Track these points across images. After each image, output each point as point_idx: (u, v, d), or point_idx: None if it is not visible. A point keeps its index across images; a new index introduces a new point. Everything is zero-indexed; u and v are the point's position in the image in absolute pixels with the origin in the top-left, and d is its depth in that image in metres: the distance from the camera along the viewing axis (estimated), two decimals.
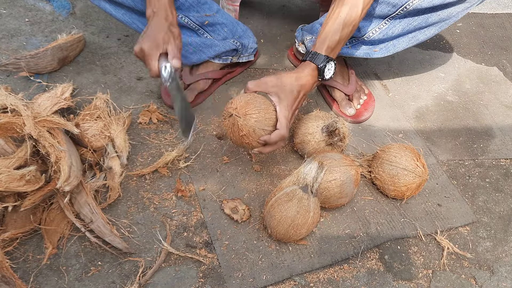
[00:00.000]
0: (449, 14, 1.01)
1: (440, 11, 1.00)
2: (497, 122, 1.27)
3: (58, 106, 0.93)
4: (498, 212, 1.05)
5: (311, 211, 0.85)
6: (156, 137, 1.06)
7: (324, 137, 0.99)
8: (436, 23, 1.03)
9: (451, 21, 1.04)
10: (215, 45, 1.12)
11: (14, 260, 0.81)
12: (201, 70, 1.17)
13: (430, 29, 1.05)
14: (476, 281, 0.92)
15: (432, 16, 1.01)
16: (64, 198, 0.82)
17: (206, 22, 1.08)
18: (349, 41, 1.13)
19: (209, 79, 1.17)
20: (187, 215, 0.94)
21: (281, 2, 1.55)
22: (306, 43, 1.21)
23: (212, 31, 1.12)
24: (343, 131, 0.99)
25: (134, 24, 1.03)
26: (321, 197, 0.90)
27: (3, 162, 0.75)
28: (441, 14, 1.01)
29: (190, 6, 1.04)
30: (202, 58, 1.12)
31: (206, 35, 1.12)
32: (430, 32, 1.05)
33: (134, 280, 0.82)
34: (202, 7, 1.06)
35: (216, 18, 1.11)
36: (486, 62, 1.48)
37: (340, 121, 0.99)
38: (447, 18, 1.02)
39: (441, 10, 1.00)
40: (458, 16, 1.03)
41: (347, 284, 0.88)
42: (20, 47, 1.20)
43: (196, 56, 1.11)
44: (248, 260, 0.88)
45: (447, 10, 1.00)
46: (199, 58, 1.12)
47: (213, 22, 1.11)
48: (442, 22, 1.03)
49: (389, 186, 0.97)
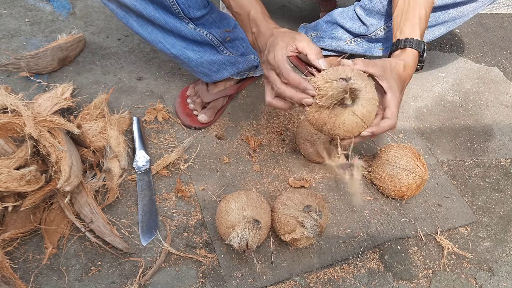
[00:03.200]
0: (459, 13, 1.01)
1: (452, 9, 1.00)
2: (497, 122, 1.27)
3: (58, 106, 0.93)
4: (498, 212, 1.05)
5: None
6: (156, 137, 1.06)
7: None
8: (446, 22, 1.03)
9: (461, 21, 1.03)
10: (238, 62, 1.08)
11: (14, 260, 0.81)
12: (219, 87, 1.12)
13: (439, 28, 1.05)
14: (476, 281, 0.92)
15: (442, 15, 1.01)
16: (64, 198, 0.82)
17: (228, 38, 1.03)
18: (355, 39, 1.13)
19: (227, 96, 1.14)
20: (187, 215, 0.94)
21: (281, 2, 1.55)
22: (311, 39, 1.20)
23: (232, 47, 1.07)
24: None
25: (160, 44, 0.96)
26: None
27: (3, 162, 0.75)
28: (452, 13, 1.00)
29: (213, 22, 0.99)
30: (225, 75, 1.08)
31: (226, 52, 1.06)
32: (439, 31, 1.05)
33: (134, 280, 0.82)
34: (223, 22, 1.01)
35: (235, 33, 1.07)
36: (486, 62, 1.48)
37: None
38: (458, 17, 1.02)
39: (453, 8, 1.00)
40: (468, 15, 1.02)
41: (347, 284, 0.88)
42: (20, 47, 1.20)
43: (219, 75, 1.07)
44: (248, 260, 0.88)
45: (458, 9, 1.00)
46: (221, 76, 1.08)
47: (233, 37, 1.06)
48: (452, 21, 1.03)
49: (389, 186, 0.97)
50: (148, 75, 1.20)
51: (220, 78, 1.08)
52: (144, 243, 0.88)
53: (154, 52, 1.27)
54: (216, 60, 1.03)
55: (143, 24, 0.93)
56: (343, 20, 1.13)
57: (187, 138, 1.05)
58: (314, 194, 0.89)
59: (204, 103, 1.11)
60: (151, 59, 1.25)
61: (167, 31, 0.95)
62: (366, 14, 1.08)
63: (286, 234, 0.85)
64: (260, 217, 0.83)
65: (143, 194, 0.93)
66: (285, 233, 0.85)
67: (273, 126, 1.14)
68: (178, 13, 0.90)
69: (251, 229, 0.79)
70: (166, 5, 0.88)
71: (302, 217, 0.82)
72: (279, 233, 0.88)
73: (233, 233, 0.79)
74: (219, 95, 1.11)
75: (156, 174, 0.99)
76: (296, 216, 0.83)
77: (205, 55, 1.01)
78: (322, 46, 1.17)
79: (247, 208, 0.83)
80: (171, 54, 0.98)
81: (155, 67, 1.23)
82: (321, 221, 0.82)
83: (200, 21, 0.95)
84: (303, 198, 0.86)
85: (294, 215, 0.83)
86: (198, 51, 1.00)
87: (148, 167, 0.98)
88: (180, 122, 1.10)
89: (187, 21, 0.93)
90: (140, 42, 1.29)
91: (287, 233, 0.85)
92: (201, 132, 1.10)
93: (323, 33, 1.18)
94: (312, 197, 0.87)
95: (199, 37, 0.97)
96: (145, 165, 0.98)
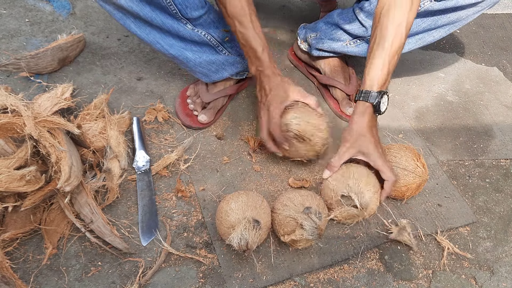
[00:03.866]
0: (458, 17, 1.01)
1: (451, 13, 1.00)
2: (497, 122, 1.27)
3: (58, 107, 0.93)
4: (498, 212, 1.05)
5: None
6: (156, 137, 1.06)
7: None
8: (445, 25, 1.03)
9: (460, 24, 1.04)
10: (237, 62, 1.08)
11: (14, 260, 0.81)
12: (219, 87, 1.11)
13: (439, 31, 1.05)
14: (476, 281, 0.92)
15: (442, 18, 1.01)
16: (64, 198, 0.82)
17: (226, 38, 1.04)
18: (354, 40, 1.13)
19: (227, 96, 1.14)
20: (187, 216, 0.94)
21: (281, 2, 1.55)
22: (310, 40, 1.20)
23: (231, 47, 1.07)
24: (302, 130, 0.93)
25: (159, 44, 0.96)
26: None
27: (3, 163, 0.75)
28: (451, 17, 1.00)
29: (211, 22, 1.00)
30: (224, 75, 1.08)
31: (225, 52, 1.06)
32: (438, 34, 1.05)
33: (134, 280, 0.82)
34: (221, 22, 1.01)
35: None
36: (486, 62, 1.48)
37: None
38: (456, 21, 1.02)
39: (452, 12, 1.00)
40: (467, 19, 1.02)
41: (347, 285, 0.88)
42: (20, 47, 1.20)
43: (218, 75, 1.07)
44: (248, 260, 0.88)
45: (458, 13, 1.00)
46: (220, 76, 1.08)
47: (232, 37, 1.05)
48: (451, 24, 1.03)
49: None
50: (148, 75, 1.20)
51: (219, 78, 1.08)
52: (144, 243, 0.88)
53: (154, 52, 1.27)
54: (215, 60, 1.03)
55: (141, 25, 0.93)
56: (342, 21, 1.13)
57: (187, 138, 1.05)
58: (315, 195, 0.89)
59: (204, 103, 1.11)
60: (151, 59, 1.25)
61: (165, 32, 0.95)
62: (366, 16, 1.08)
63: (285, 235, 0.85)
64: (260, 218, 0.83)
65: (143, 194, 0.93)
66: (285, 234, 0.85)
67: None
68: (176, 14, 0.90)
69: (251, 230, 0.79)
70: (163, 6, 0.88)
71: (302, 219, 0.82)
72: (278, 233, 0.88)
73: (233, 233, 0.79)
74: (219, 95, 1.11)
75: (156, 174, 0.99)
76: (295, 218, 0.83)
77: (204, 55, 1.01)
78: (321, 48, 1.17)
79: (247, 209, 0.83)
80: (170, 54, 0.98)
81: (155, 67, 1.23)
82: (320, 224, 0.82)
83: (198, 21, 0.95)
84: (303, 199, 0.86)
85: (293, 217, 0.83)
86: (197, 51, 1.00)
87: (148, 167, 0.98)
88: (180, 122, 1.10)
89: (185, 22, 0.93)
90: (140, 42, 1.29)
91: (286, 234, 0.85)
92: (201, 132, 1.10)
93: (323, 34, 1.18)
94: (312, 198, 0.87)
95: (197, 37, 0.97)
96: (145, 165, 0.98)
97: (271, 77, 0.93)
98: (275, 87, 0.93)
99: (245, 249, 0.78)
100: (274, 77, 0.93)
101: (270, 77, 0.93)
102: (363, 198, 0.87)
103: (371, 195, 0.88)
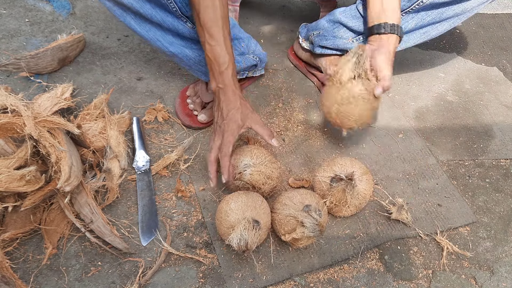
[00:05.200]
0: (463, 9, 1.01)
1: (456, 5, 1.00)
2: (497, 122, 1.27)
3: (58, 107, 0.93)
4: (498, 212, 1.05)
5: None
6: (156, 137, 1.06)
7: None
8: (450, 18, 1.03)
9: (465, 17, 1.04)
10: (237, 62, 1.07)
11: (14, 260, 0.81)
12: None
13: (443, 25, 1.05)
14: (476, 281, 0.92)
15: (447, 11, 1.00)
16: (64, 198, 0.82)
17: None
18: (358, 37, 1.13)
19: None
20: (187, 215, 0.94)
21: (281, 2, 1.55)
22: (313, 38, 1.20)
23: (231, 46, 1.09)
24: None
25: (159, 42, 0.96)
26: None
27: (3, 162, 0.75)
28: (456, 9, 1.00)
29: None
30: None
31: None
32: (442, 27, 1.05)
33: (134, 280, 0.82)
34: None
35: (234, 32, 1.06)
36: (486, 62, 1.48)
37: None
38: (461, 13, 1.02)
39: (457, 4, 0.99)
40: (472, 11, 1.02)
41: (347, 284, 0.88)
42: (20, 47, 1.20)
43: None
44: (248, 260, 0.88)
45: (463, 4, 1.00)
46: None
47: (233, 37, 1.05)
48: (456, 17, 1.03)
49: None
50: (148, 75, 1.20)
51: None
52: (144, 243, 0.88)
53: (154, 52, 1.27)
54: None
55: (141, 22, 0.93)
56: (345, 18, 1.13)
57: (187, 138, 1.05)
58: (313, 194, 0.89)
59: (204, 103, 1.11)
60: (151, 59, 1.25)
61: (165, 30, 0.94)
62: None
63: (286, 234, 0.85)
64: (259, 218, 0.83)
65: (143, 194, 0.93)
66: (286, 233, 0.85)
67: (273, 126, 1.14)
68: (176, 12, 0.90)
69: (250, 230, 0.79)
70: (163, 4, 0.87)
71: (302, 217, 0.82)
72: (279, 233, 0.88)
73: (233, 233, 0.79)
74: None
75: (156, 174, 0.99)
76: (296, 216, 0.83)
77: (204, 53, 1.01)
78: (324, 45, 1.17)
79: (246, 209, 0.83)
80: (170, 52, 0.98)
81: (155, 67, 1.23)
82: (321, 220, 0.82)
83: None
84: (303, 198, 0.86)
85: (294, 215, 0.83)
86: (197, 49, 1.00)
87: (148, 167, 0.98)
88: (180, 122, 1.10)
89: (185, 20, 0.93)
90: (140, 42, 1.29)
91: (287, 233, 0.85)
92: (201, 132, 1.10)
93: (325, 32, 1.18)
94: (311, 197, 0.87)
95: (197, 35, 0.97)
96: (145, 165, 0.98)
97: (231, 98, 0.88)
98: (233, 110, 0.87)
99: (245, 249, 0.78)
100: (234, 97, 0.88)
101: (229, 97, 0.88)
102: (348, 171, 0.92)
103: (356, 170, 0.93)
